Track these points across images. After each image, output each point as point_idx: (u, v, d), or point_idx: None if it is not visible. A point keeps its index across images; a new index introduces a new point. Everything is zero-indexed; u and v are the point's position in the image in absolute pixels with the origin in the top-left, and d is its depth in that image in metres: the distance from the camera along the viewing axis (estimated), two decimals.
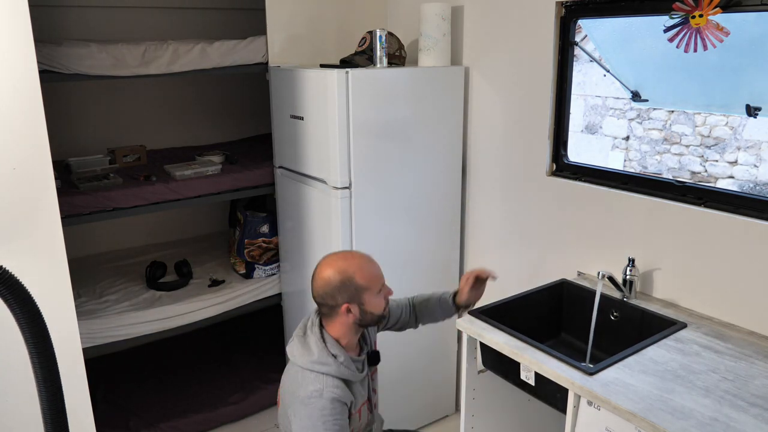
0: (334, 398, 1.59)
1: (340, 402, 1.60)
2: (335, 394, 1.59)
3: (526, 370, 1.70)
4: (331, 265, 1.69)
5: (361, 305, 1.66)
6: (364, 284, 1.65)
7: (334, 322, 1.69)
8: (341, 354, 1.65)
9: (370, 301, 1.66)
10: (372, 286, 1.66)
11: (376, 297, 1.67)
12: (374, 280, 1.68)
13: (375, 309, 1.68)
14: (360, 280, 1.65)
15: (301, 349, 1.67)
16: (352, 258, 1.71)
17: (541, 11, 2.23)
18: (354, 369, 1.67)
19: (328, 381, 1.61)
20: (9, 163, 1.49)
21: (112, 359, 3.22)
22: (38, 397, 0.85)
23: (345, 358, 1.65)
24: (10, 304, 0.79)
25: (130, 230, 3.42)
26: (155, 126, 3.41)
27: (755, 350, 1.65)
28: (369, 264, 1.70)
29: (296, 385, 1.64)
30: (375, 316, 1.69)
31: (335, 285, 1.65)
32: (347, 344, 1.70)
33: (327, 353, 1.64)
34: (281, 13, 2.71)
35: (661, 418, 1.35)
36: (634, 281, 1.97)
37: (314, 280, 1.71)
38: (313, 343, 1.66)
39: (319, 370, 1.62)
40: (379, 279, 1.69)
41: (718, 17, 1.71)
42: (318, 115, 2.39)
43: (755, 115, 1.95)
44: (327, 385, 1.60)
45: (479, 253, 2.74)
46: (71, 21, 3.02)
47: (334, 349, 1.65)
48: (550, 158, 2.34)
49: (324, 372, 1.62)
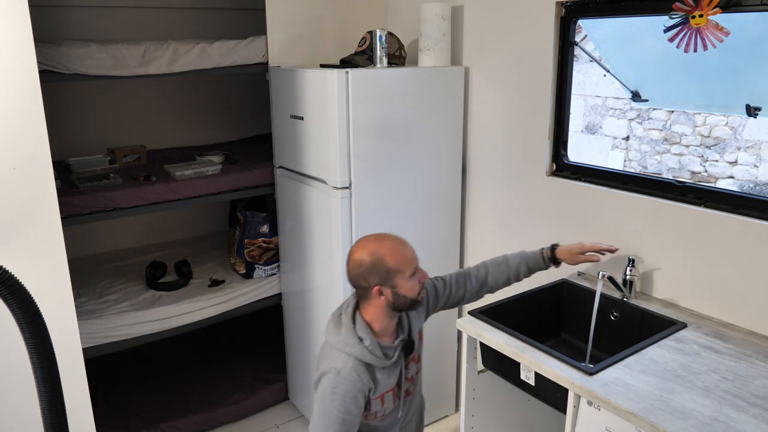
0: (349, 380, 1.61)
1: (354, 386, 1.62)
2: (351, 377, 1.61)
3: (526, 370, 1.70)
4: (363, 247, 1.69)
5: (393, 288, 1.65)
6: (395, 267, 1.65)
7: (368, 305, 1.70)
8: (368, 338, 1.66)
9: (402, 284, 1.66)
10: (403, 269, 1.66)
11: (408, 280, 1.66)
12: (405, 263, 1.67)
13: (408, 292, 1.67)
14: (391, 263, 1.65)
15: (333, 328, 1.71)
16: (384, 240, 1.70)
17: (541, 11, 2.23)
18: (380, 355, 1.67)
19: (349, 362, 1.63)
20: (9, 163, 1.49)
21: (112, 359, 3.22)
22: (38, 397, 0.85)
23: (371, 342, 1.66)
24: (10, 304, 0.79)
25: (130, 230, 3.42)
26: (155, 126, 3.41)
27: (755, 350, 1.65)
28: (401, 246, 1.69)
29: (322, 359, 1.68)
30: (408, 300, 1.68)
31: (367, 267, 1.65)
32: (381, 329, 1.70)
33: (353, 335, 1.66)
34: (281, 13, 2.71)
35: (661, 418, 1.35)
36: (634, 281, 1.97)
37: (348, 262, 1.71)
38: (343, 323, 1.69)
39: (343, 350, 1.64)
40: (411, 262, 1.68)
41: (718, 17, 1.71)
42: (318, 115, 2.39)
43: (755, 115, 1.95)
44: (346, 365, 1.62)
45: (479, 253, 2.74)
46: (71, 21, 3.02)
47: (362, 332, 1.66)
48: (550, 158, 2.34)
49: (347, 352, 1.64)
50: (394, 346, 1.72)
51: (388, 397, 1.74)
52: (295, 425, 2.96)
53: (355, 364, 1.63)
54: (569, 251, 1.91)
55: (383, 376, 1.69)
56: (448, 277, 1.94)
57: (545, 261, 1.94)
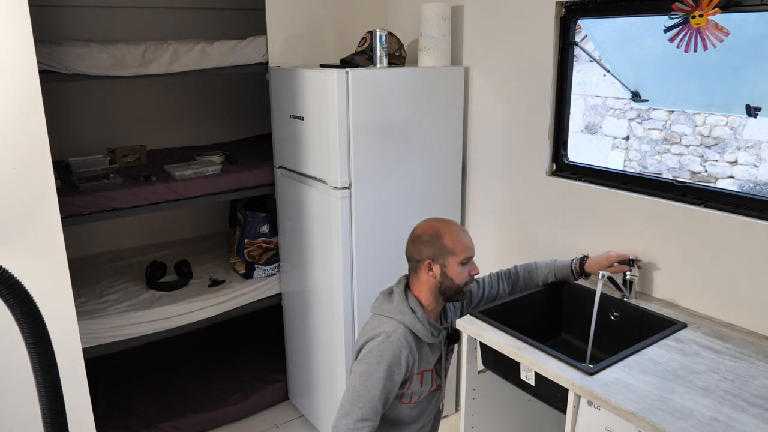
0: (397, 345, 1.66)
1: (402, 352, 1.66)
2: (401, 342, 1.66)
3: (526, 370, 1.70)
4: (428, 223, 1.80)
5: (443, 267, 1.72)
6: (450, 247, 1.73)
7: (417, 282, 1.76)
8: (420, 310, 1.72)
9: (452, 266, 1.72)
10: (457, 252, 1.73)
11: (459, 265, 1.73)
12: (461, 247, 1.74)
13: (456, 277, 1.73)
14: (447, 242, 1.73)
15: (383, 301, 1.78)
16: (449, 223, 1.79)
17: (541, 11, 2.23)
18: (429, 328, 1.73)
19: (400, 329, 1.68)
20: (9, 163, 1.49)
21: (112, 359, 3.22)
22: (38, 397, 0.85)
23: (422, 314, 1.72)
24: (10, 304, 0.79)
25: (130, 230, 3.42)
26: (155, 126, 3.41)
27: (755, 350, 1.65)
28: (461, 232, 1.78)
29: (369, 327, 1.73)
30: (455, 285, 1.74)
31: (425, 239, 1.75)
32: (428, 309, 1.77)
33: (406, 304, 1.72)
34: (281, 13, 2.71)
35: (661, 418, 1.35)
36: (634, 281, 1.97)
37: (409, 238, 1.81)
38: (395, 295, 1.76)
39: (394, 317, 1.70)
40: (467, 249, 1.75)
41: (718, 17, 1.71)
42: (318, 115, 2.39)
43: (755, 115, 1.95)
44: (397, 331, 1.68)
45: (479, 253, 2.73)
46: (71, 21, 3.02)
47: (414, 304, 1.73)
48: (550, 158, 2.34)
49: (398, 319, 1.70)
50: (441, 327, 1.79)
51: (427, 376, 1.79)
52: (295, 425, 2.96)
53: (405, 331, 1.69)
54: (598, 265, 1.97)
55: (427, 352, 1.74)
56: (481, 279, 2.02)
57: (574, 274, 2.02)
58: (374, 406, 1.63)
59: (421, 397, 1.81)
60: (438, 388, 1.88)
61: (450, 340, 1.86)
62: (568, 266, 2.02)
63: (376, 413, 1.64)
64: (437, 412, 1.99)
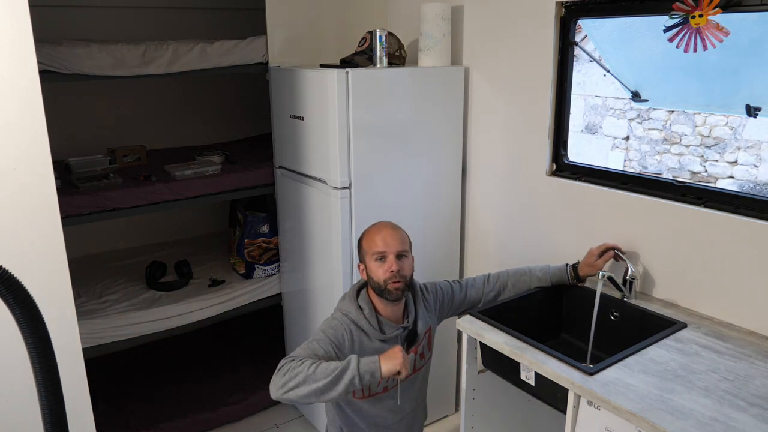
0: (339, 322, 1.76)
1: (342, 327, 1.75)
2: (343, 326, 1.75)
3: (526, 370, 1.70)
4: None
5: (366, 266, 1.82)
6: (365, 246, 1.84)
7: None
8: (367, 307, 1.79)
9: (370, 264, 1.80)
10: (369, 250, 1.81)
11: (374, 262, 1.79)
12: (371, 244, 1.81)
13: (373, 275, 1.80)
14: (364, 242, 1.85)
15: (340, 300, 1.89)
16: (375, 224, 1.87)
17: (541, 11, 2.23)
18: (375, 327, 1.78)
19: (345, 319, 1.78)
20: (9, 163, 1.49)
21: (112, 359, 3.22)
22: (38, 397, 0.84)
23: (370, 311, 1.79)
24: (10, 304, 0.79)
25: (130, 230, 3.42)
26: (155, 126, 3.41)
27: (755, 350, 1.65)
28: (377, 231, 1.83)
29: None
30: (375, 283, 1.79)
31: (358, 243, 1.89)
32: (382, 311, 1.82)
33: (354, 302, 1.81)
34: (281, 13, 2.71)
35: (661, 418, 1.35)
36: (634, 281, 1.97)
37: None
38: (346, 295, 1.88)
39: (342, 310, 1.81)
40: (378, 245, 1.79)
41: (718, 17, 1.71)
42: (318, 115, 2.39)
43: (755, 115, 1.96)
44: (343, 319, 1.77)
45: (479, 253, 2.74)
46: (71, 21, 3.02)
47: (363, 302, 1.81)
48: (550, 158, 2.34)
49: (344, 312, 1.80)
50: (396, 326, 1.82)
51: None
52: (295, 425, 2.96)
53: (349, 321, 1.78)
54: (587, 264, 1.99)
55: (377, 349, 1.76)
56: (465, 280, 2.04)
57: (570, 280, 2.03)
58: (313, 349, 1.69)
59: (371, 392, 1.84)
60: (395, 384, 1.87)
61: (409, 340, 1.86)
62: (564, 273, 2.03)
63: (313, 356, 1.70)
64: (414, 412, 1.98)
